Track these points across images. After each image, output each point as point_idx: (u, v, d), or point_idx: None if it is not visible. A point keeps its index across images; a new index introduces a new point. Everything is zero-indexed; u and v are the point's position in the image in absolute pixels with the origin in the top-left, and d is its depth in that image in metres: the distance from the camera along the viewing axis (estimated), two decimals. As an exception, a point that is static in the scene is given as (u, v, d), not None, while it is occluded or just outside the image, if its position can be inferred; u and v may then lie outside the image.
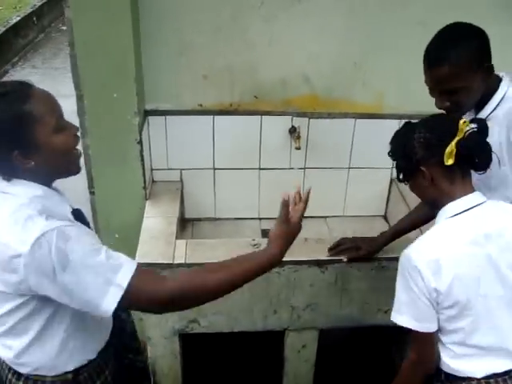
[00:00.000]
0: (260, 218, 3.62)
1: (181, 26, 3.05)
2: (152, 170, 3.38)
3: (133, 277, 1.68)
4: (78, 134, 1.87)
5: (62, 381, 1.92)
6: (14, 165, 1.70)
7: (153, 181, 3.41)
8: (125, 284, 1.66)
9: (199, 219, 3.61)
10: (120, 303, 1.66)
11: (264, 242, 2.89)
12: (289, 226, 1.93)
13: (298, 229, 1.98)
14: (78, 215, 1.90)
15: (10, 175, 1.74)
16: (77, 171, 1.90)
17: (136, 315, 3.22)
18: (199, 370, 3.20)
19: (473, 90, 2.18)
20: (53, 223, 1.64)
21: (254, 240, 2.92)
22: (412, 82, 2.75)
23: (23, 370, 1.89)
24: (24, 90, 1.72)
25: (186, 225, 3.54)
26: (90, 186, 3.24)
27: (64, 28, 10.88)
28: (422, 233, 2.13)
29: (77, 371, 1.94)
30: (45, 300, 1.72)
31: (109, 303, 1.66)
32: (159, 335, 2.99)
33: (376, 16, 3.12)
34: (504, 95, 2.23)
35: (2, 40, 9.06)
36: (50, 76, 8.61)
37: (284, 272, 2.83)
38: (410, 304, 1.98)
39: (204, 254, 2.81)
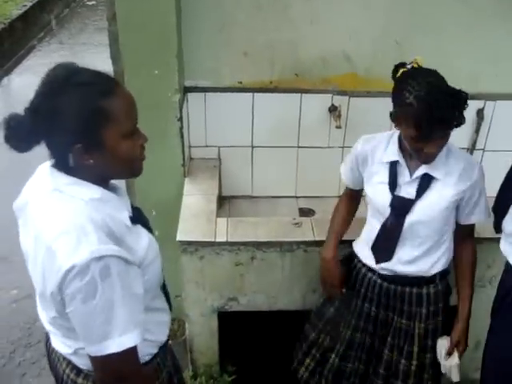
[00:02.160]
0: (297, 197, 3.60)
1: (222, 2, 3.03)
2: (190, 147, 3.37)
3: (125, 351, 1.63)
4: (145, 144, 1.79)
5: None
6: (73, 158, 1.62)
7: (191, 158, 3.41)
8: (120, 349, 1.61)
9: (236, 197, 3.60)
10: (104, 357, 1.62)
11: (303, 221, 2.92)
12: None
13: None
14: (136, 216, 1.82)
15: (67, 168, 1.66)
16: (136, 175, 1.83)
17: (173, 293, 3.26)
18: (236, 348, 3.21)
19: None
20: (103, 248, 1.56)
21: (294, 219, 2.91)
22: (453, 61, 2.72)
23: (84, 367, 1.84)
24: (109, 84, 1.64)
25: (222, 202, 3.53)
26: (128, 162, 3.23)
27: (89, 3, 10.87)
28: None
29: None
30: None
31: (94, 351, 1.62)
32: (198, 313, 3.01)
33: (419, -6, 3.07)
34: None
35: (28, 15, 9.04)
36: (78, 51, 8.62)
37: (325, 251, 2.83)
38: None
39: (245, 232, 2.82)
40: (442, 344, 2.59)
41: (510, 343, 2.37)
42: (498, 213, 2.38)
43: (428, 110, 2.06)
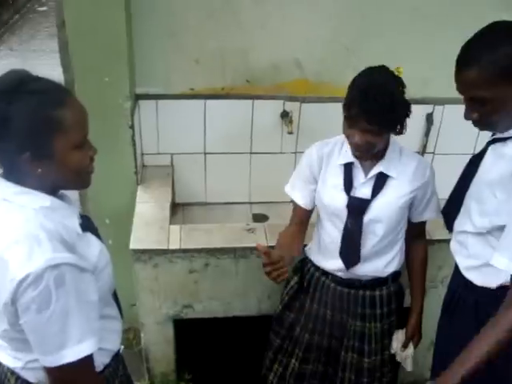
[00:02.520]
0: (251, 203, 3.61)
1: (172, 8, 3.02)
2: (143, 154, 3.35)
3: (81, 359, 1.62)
4: (95, 157, 1.78)
5: None
6: (20, 166, 1.60)
7: (143, 165, 3.39)
8: (77, 358, 1.60)
9: (190, 204, 3.59)
10: (60, 367, 1.60)
11: (257, 227, 2.93)
12: None
13: None
14: (85, 224, 1.80)
15: (15, 177, 1.64)
16: (85, 187, 1.83)
17: (127, 301, 3.23)
18: (192, 355, 3.20)
19: (505, 106, 1.88)
20: (58, 257, 1.54)
21: (248, 225, 2.92)
22: (402, 66, 2.76)
23: (34, 380, 1.80)
24: (61, 94, 1.63)
25: (176, 209, 3.51)
26: (81, 171, 3.20)
27: (41, 9, 10.73)
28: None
29: None
30: None
31: (50, 361, 1.60)
32: (153, 321, 2.99)
33: (369, 1, 3.12)
34: None
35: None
36: (28, 58, 8.47)
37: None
38: None
39: (199, 239, 2.81)
40: (397, 337, 2.65)
41: (451, 340, 2.41)
42: (451, 213, 2.43)
43: (358, 97, 2.12)
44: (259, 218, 3.51)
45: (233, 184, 3.58)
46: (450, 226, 2.43)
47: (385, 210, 2.36)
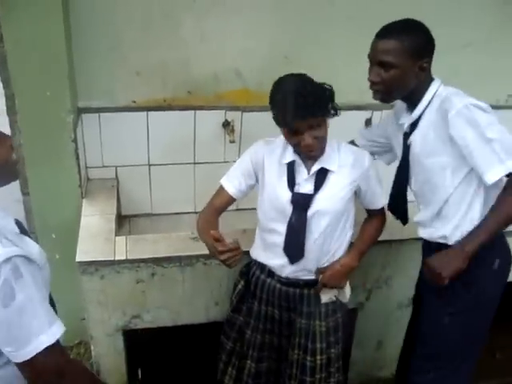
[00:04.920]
0: (196, 212, 3.61)
1: (112, 21, 3.05)
2: (87, 167, 3.36)
3: (57, 342, 1.67)
4: (12, 144, 1.81)
5: None
6: None
7: (88, 179, 3.39)
8: (54, 339, 1.65)
9: (136, 215, 3.61)
10: (40, 355, 1.63)
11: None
12: None
13: None
14: (20, 227, 1.84)
15: None
16: (15, 178, 1.87)
17: (77, 315, 3.22)
18: (144, 366, 3.21)
19: (403, 78, 2.32)
20: (9, 251, 1.58)
21: (192, 233, 2.94)
22: (340, 75, 2.84)
23: None
24: None
25: (123, 222, 3.53)
26: (24, 186, 3.19)
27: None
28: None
29: None
30: None
31: (31, 349, 1.62)
32: (102, 333, 2.99)
33: (305, 11, 3.21)
34: (434, 94, 2.38)
35: None
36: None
37: (225, 263, 2.88)
38: None
39: (144, 248, 2.83)
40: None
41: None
42: (399, 206, 2.63)
43: (291, 100, 2.22)
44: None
45: (178, 194, 3.61)
46: (403, 217, 2.67)
47: (327, 203, 2.43)
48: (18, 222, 1.85)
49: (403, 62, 2.28)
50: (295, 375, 2.71)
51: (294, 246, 2.49)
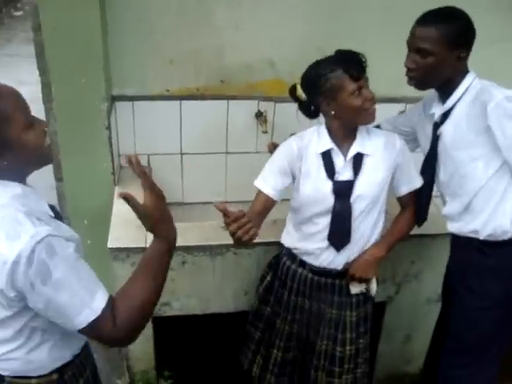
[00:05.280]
0: (227, 202, 3.63)
1: (147, 10, 3.06)
2: (120, 155, 3.38)
3: (106, 306, 1.69)
4: (46, 129, 1.82)
5: (48, 382, 1.88)
6: None
7: (121, 166, 3.42)
8: (99, 310, 1.66)
9: (167, 204, 3.60)
10: (89, 326, 1.66)
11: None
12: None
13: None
14: (54, 211, 1.87)
15: None
16: (50, 162, 1.87)
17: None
18: (171, 352, 3.23)
19: (439, 66, 2.33)
20: (41, 230, 1.60)
21: (223, 222, 2.95)
22: (375, 68, 2.81)
23: (6, 372, 1.84)
24: None
25: (154, 210, 3.53)
26: (58, 172, 3.23)
27: (16, 14, 10.68)
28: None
29: (62, 370, 1.90)
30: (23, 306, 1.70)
31: (80, 322, 1.65)
32: (132, 319, 3.00)
33: (339, 0, 3.18)
34: (469, 85, 2.38)
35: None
36: (4, 63, 8.44)
37: (254, 253, 2.89)
38: None
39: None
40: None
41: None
42: (422, 198, 2.62)
43: (342, 56, 2.43)
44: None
45: (209, 184, 3.62)
46: (422, 215, 2.66)
47: (367, 187, 2.44)
48: (52, 207, 1.88)
49: (440, 50, 2.29)
50: (322, 366, 2.72)
51: (340, 234, 2.50)
